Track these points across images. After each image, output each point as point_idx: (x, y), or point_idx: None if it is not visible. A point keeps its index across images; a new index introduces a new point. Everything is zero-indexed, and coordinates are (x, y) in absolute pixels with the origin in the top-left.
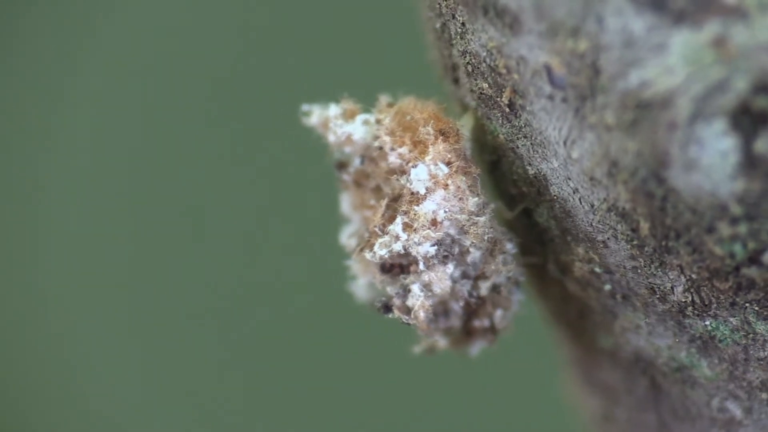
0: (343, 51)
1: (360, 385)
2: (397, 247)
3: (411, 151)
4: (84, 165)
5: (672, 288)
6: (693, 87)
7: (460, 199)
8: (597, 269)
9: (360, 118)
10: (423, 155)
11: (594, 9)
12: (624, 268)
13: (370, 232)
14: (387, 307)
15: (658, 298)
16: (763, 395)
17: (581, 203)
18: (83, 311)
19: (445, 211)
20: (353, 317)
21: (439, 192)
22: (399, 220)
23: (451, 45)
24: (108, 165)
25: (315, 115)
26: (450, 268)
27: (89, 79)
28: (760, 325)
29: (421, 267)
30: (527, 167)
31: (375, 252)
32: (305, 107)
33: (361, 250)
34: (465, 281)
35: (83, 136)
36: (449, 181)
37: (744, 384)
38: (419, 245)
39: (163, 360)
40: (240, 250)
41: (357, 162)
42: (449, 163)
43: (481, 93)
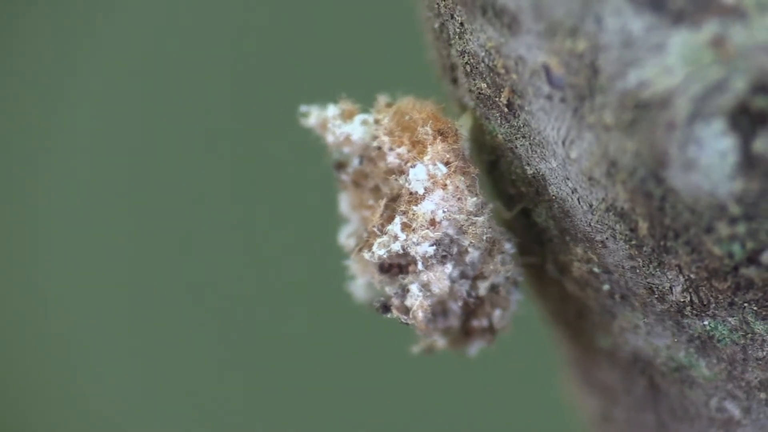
0: (342, 51)
1: (359, 385)
2: (396, 247)
3: (409, 151)
4: (84, 165)
5: (670, 288)
6: (692, 87)
7: (458, 199)
8: (595, 269)
9: (358, 118)
10: (421, 155)
11: (593, 9)
12: (622, 268)
13: (368, 232)
14: (385, 307)
15: (656, 298)
16: (762, 395)
17: (580, 203)
18: (83, 311)
19: (444, 211)
20: (352, 317)
21: (438, 192)
22: (397, 220)
23: (450, 45)
24: (108, 165)
25: (313, 116)
26: (448, 268)
27: (89, 79)
28: (758, 325)
29: (420, 267)
30: (526, 167)
31: (374, 252)
32: (303, 108)
33: (360, 250)
34: (463, 281)
35: (83, 136)
36: (448, 181)
37: (742, 384)
38: (418, 245)
39: (163, 360)
40: (239, 250)
41: (355, 162)
42: (448, 163)
43: (480, 93)
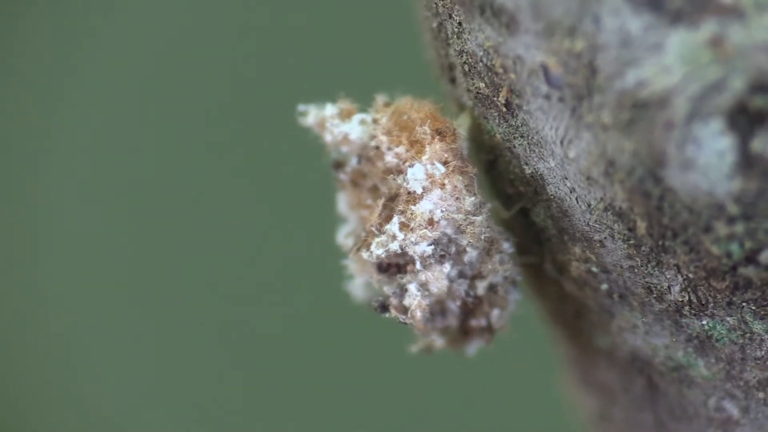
0: (340, 51)
1: (358, 385)
2: (394, 247)
3: (408, 151)
4: (84, 165)
5: (669, 287)
6: (690, 87)
7: (456, 199)
8: (594, 269)
9: (357, 117)
10: (420, 155)
11: (591, 9)
12: (621, 267)
13: (367, 231)
14: (384, 307)
15: (655, 297)
16: (760, 394)
17: (578, 203)
18: (83, 311)
19: (442, 211)
20: (351, 317)
21: (436, 191)
22: (396, 219)
23: (448, 44)
24: (108, 165)
25: (311, 115)
26: (447, 267)
27: (89, 80)
28: (757, 325)
29: (418, 266)
30: (524, 167)
31: (372, 251)
32: (301, 107)
33: (358, 249)
34: (462, 281)
35: (83, 136)
36: (446, 181)
37: (741, 383)
38: (416, 245)
39: (163, 360)
40: (239, 250)
41: (354, 161)
42: (446, 163)
43: (478, 92)
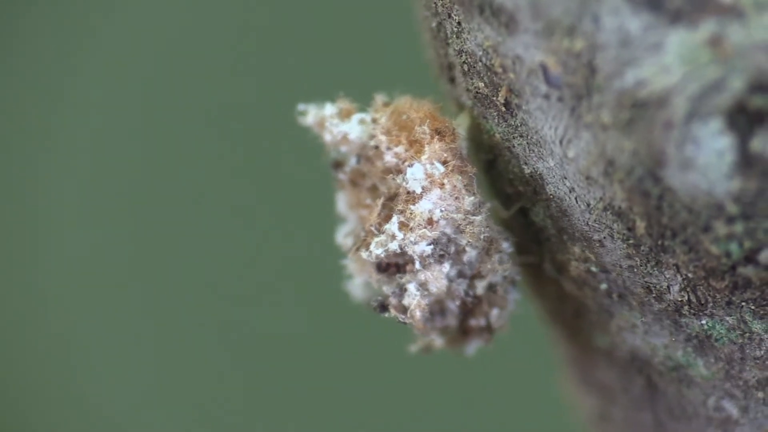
0: (340, 51)
1: (357, 385)
2: (393, 246)
3: (407, 150)
4: (84, 165)
5: (668, 287)
6: (689, 86)
7: (456, 198)
8: (593, 268)
9: (356, 117)
10: (419, 154)
11: (590, 8)
12: (620, 267)
13: (366, 231)
14: (383, 307)
15: (654, 297)
16: (759, 394)
17: (577, 202)
18: (83, 311)
19: (441, 210)
20: (350, 317)
21: (435, 191)
22: (395, 219)
23: (447, 44)
24: (108, 165)
25: (311, 115)
26: (446, 267)
27: (89, 80)
28: (756, 324)
29: (417, 266)
30: (523, 166)
31: (371, 251)
32: (301, 107)
33: (358, 249)
34: (461, 280)
35: (83, 136)
36: (445, 180)
37: (740, 383)
38: (415, 244)
39: (163, 360)
40: (238, 250)
41: (353, 161)
42: (445, 162)
43: (477, 92)
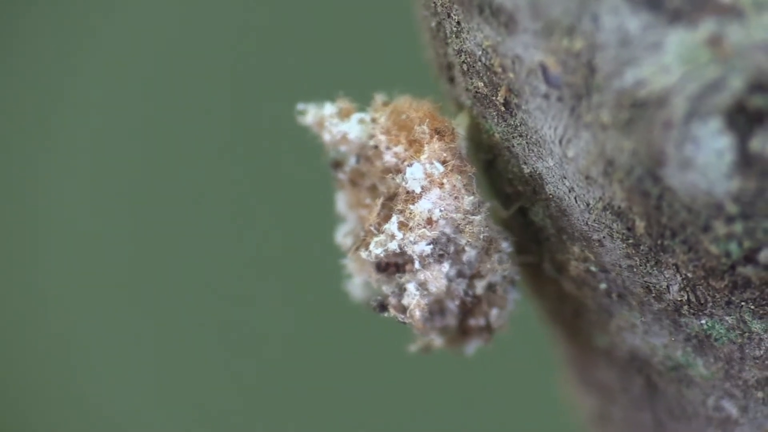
0: (339, 50)
1: (357, 385)
2: (393, 246)
3: (406, 150)
4: (84, 165)
5: (668, 287)
6: (688, 86)
7: (455, 198)
8: (593, 268)
9: (355, 116)
10: (418, 154)
11: (590, 8)
12: (619, 266)
13: (365, 230)
14: (383, 306)
15: (653, 296)
16: (759, 394)
17: (577, 202)
18: (83, 311)
19: (441, 210)
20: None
21: (435, 191)
22: (394, 218)
23: (447, 44)
24: (108, 165)
25: (310, 115)
26: (446, 266)
27: (89, 80)
28: (755, 324)
29: (417, 266)
30: (523, 166)
31: (371, 251)
32: (300, 106)
33: (357, 249)
34: (460, 280)
35: (83, 136)
36: (445, 180)
37: (740, 383)
38: (415, 244)
39: (163, 360)
40: (238, 249)
41: (352, 161)
42: (445, 162)
43: (477, 92)
